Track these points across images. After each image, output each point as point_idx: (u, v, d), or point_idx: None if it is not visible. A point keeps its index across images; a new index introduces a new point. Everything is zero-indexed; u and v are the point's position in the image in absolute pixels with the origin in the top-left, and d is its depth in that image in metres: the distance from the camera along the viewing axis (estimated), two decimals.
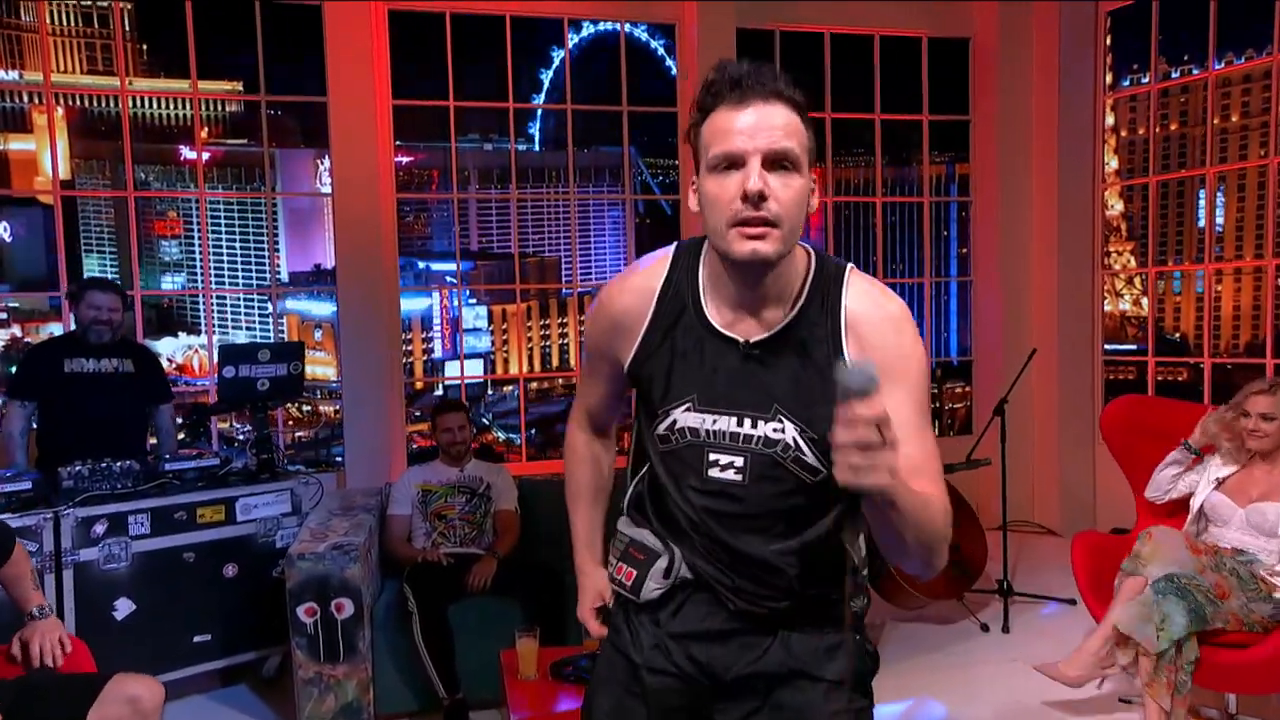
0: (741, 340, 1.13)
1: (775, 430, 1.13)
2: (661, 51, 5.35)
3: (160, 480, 3.09)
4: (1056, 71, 5.31)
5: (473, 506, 3.31)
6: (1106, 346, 5.49)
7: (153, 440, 3.59)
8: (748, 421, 1.14)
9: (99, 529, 2.88)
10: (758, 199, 1.04)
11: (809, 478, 1.14)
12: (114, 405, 3.33)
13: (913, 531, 1.00)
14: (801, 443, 1.12)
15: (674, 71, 5.20)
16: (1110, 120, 6.00)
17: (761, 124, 1.06)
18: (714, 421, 1.16)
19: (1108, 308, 5.73)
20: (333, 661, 2.81)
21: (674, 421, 1.18)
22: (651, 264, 1.23)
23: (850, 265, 1.18)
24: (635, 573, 1.26)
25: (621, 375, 1.26)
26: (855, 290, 1.15)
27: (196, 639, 3.07)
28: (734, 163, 1.07)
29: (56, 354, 3.33)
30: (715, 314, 1.16)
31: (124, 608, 2.92)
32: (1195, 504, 2.81)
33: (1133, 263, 8.28)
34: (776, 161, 1.06)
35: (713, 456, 1.16)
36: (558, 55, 5.65)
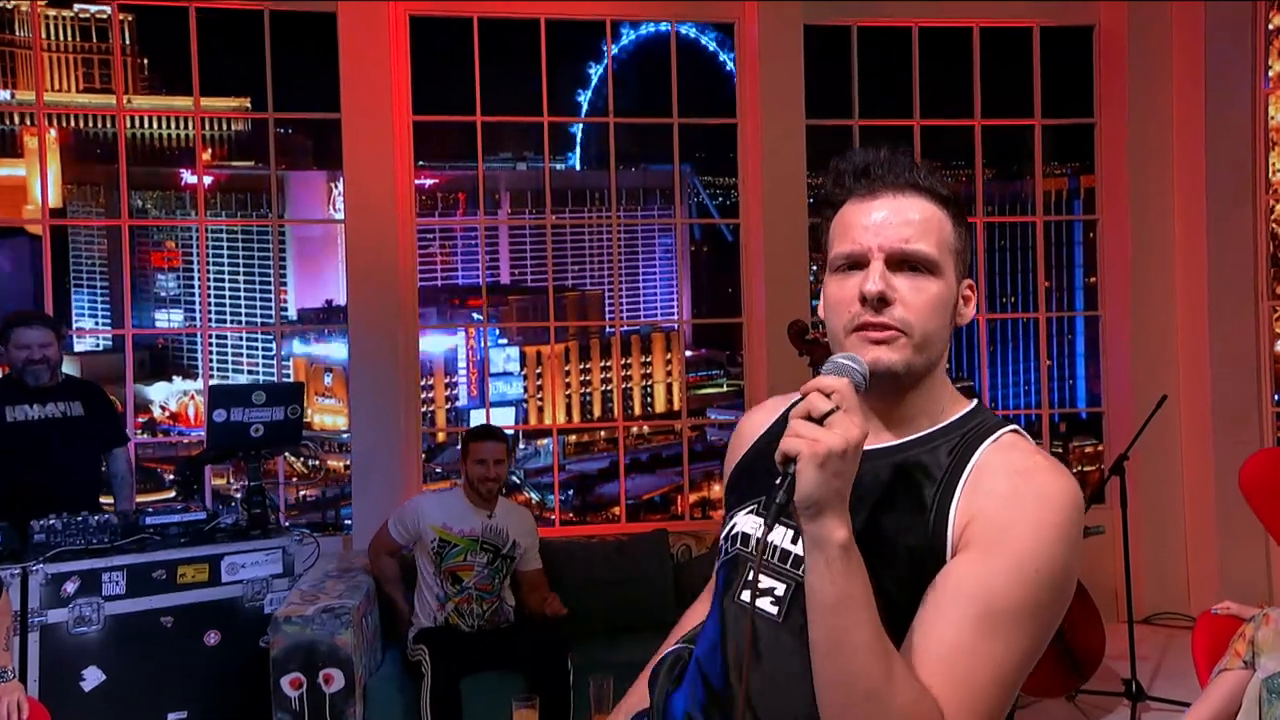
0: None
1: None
2: (721, 55, 5.58)
3: (140, 535, 3.35)
4: (1202, 61, 5.30)
5: (493, 570, 3.44)
6: None
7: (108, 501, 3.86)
8: (789, 534, 1.10)
9: (70, 587, 3.14)
10: (878, 302, 1.06)
11: None
12: (62, 452, 3.58)
13: (825, 633, 0.96)
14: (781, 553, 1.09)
15: (734, 76, 5.43)
16: None
17: (890, 219, 1.09)
18: (781, 537, 1.12)
19: None
20: None
21: (734, 525, 1.18)
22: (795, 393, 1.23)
23: (1015, 427, 1.13)
24: None
25: None
26: (1004, 443, 1.09)
27: (172, 716, 3.26)
28: (856, 263, 1.10)
29: None
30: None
31: (93, 677, 3.14)
32: None
33: None
34: (905, 262, 1.08)
35: (753, 576, 1.10)
36: (600, 63, 5.94)
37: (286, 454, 5.62)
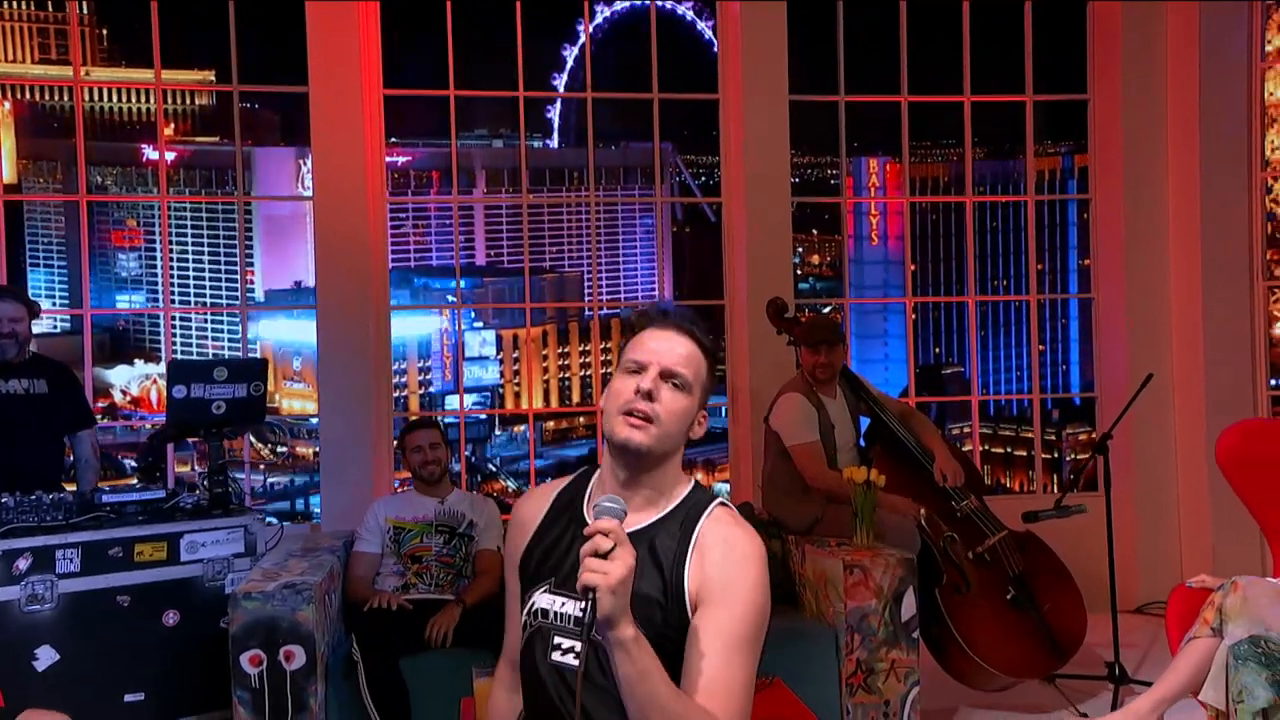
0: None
1: None
2: (708, 34, 5.63)
3: (96, 513, 3.40)
4: (1197, 34, 5.37)
5: (452, 548, 3.54)
6: (1277, 382, 5.46)
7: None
8: (579, 605, 1.47)
9: (22, 564, 3.18)
10: (646, 395, 1.53)
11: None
12: (24, 430, 3.64)
13: (638, 701, 1.38)
14: (591, 656, 1.46)
15: (715, 50, 5.49)
16: None
17: (670, 347, 1.58)
18: (562, 604, 1.56)
19: (1279, 331, 5.71)
20: None
21: (533, 604, 1.59)
22: (563, 479, 1.74)
23: (722, 500, 1.65)
24: None
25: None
26: (716, 517, 1.58)
27: (128, 698, 3.30)
28: (639, 369, 1.57)
29: None
30: (591, 509, 1.57)
31: (46, 657, 3.19)
32: None
33: None
34: (671, 376, 1.56)
35: (556, 639, 1.54)
36: (579, 36, 5.99)
37: (252, 439, 5.70)
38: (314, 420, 5.59)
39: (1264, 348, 5.47)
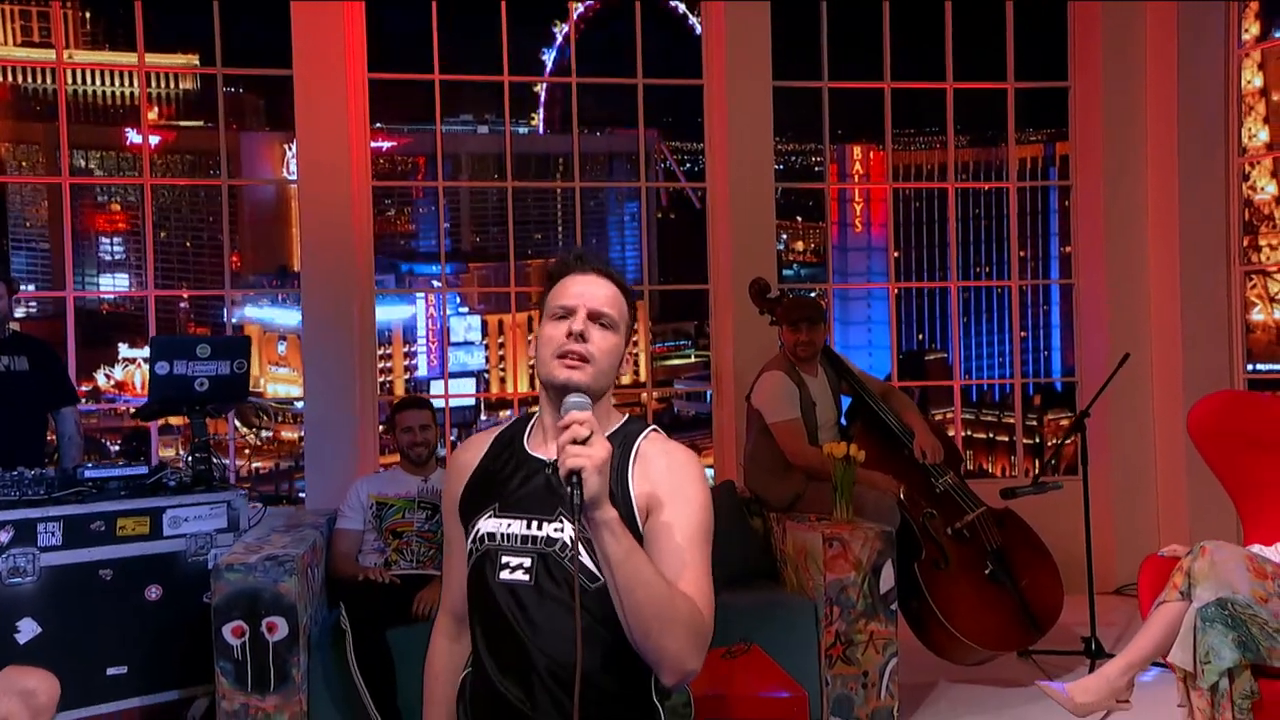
0: (547, 459, 1.59)
1: (556, 530, 1.57)
2: (699, 28, 5.65)
3: (78, 488, 3.40)
4: (1175, 21, 5.43)
5: (434, 524, 3.57)
6: (1256, 367, 5.52)
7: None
8: (534, 524, 1.59)
9: (3, 537, 3.17)
10: (579, 337, 1.60)
11: (587, 583, 1.53)
12: (5, 407, 3.64)
13: (624, 578, 1.42)
14: (580, 544, 1.51)
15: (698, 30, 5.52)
16: (1258, 82, 6.07)
17: (593, 290, 1.65)
18: (508, 525, 1.61)
19: (1258, 316, 5.77)
20: (262, 691, 3.04)
21: (477, 530, 1.63)
22: (497, 427, 1.79)
23: (655, 427, 1.73)
24: None
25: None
26: (651, 439, 1.67)
27: (111, 671, 3.30)
28: (568, 313, 1.63)
29: None
30: (533, 444, 1.68)
31: (28, 629, 3.19)
32: None
33: None
34: (598, 318, 1.63)
35: (504, 559, 1.59)
36: (563, 22, 6.00)
37: (237, 424, 5.70)
38: (299, 404, 5.59)
39: (1241, 332, 5.52)
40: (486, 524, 1.62)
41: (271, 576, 3.04)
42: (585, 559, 1.52)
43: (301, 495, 5.16)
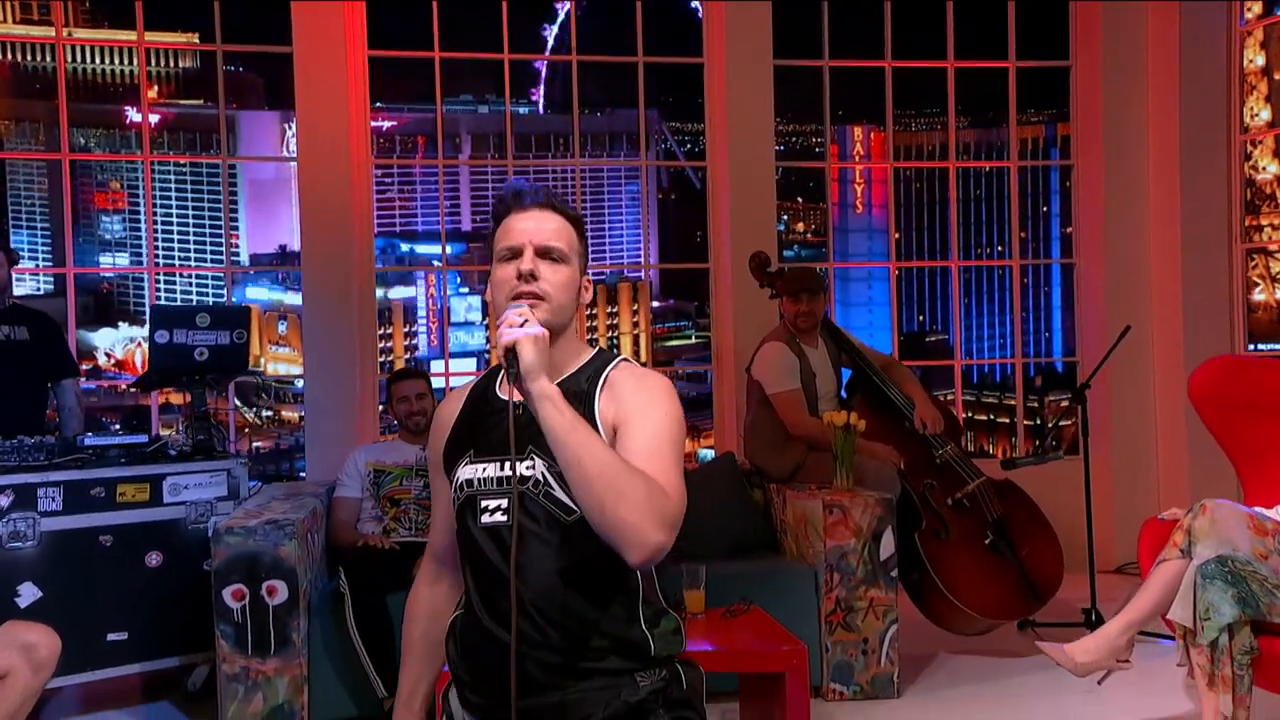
0: (516, 401, 1.54)
1: (528, 468, 1.55)
2: (700, 11, 5.64)
3: (78, 455, 3.41)
4: (1176, 1, 5.43)
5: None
6: (1257, 346, 5.52)
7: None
8: (508, 465, 1.56)
9: (3, 501, 3.17)
10: (530, 277, 1.57)
11: (563, 516, 1.53)
12: (4, 377, 3.64)
13: (571, 450, 1.40)
14: (550, 478, 1.53)
15: (699, 12, 5.52)
16: (1260, 60, 6.05)
17: (538, 226, 1.61)
18: (483, 470, 1.60)
19: (1260, 296, 5.77)
20: (262, 655, 3.05)
21: (457, 479, 1.62)
22: (471, 379, 1.80)
23: (625, 357, 1.70)
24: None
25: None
26: (623, 367, 1.64)
27: (111, 637, 3.31)
28: (515, 254, 1.59)
29: None
30: (503, 390, 1.63)
31: (28, 594, 3.19)
32: None
33: None
34: (547, 253, 1.59)
35: (483, 503, 1.58)
36: (565, 2, 6.00)
37: (238, 405, 5.71)
38: (299, 383, 5.59)
39: (1243, 312, 5.52)
40: (465, 471, 1.62)
41: (272, 540, 3.05)
42: (559, 492, 1.52)
43: (302, 475, 5.16)
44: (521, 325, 1.46)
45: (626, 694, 1.55)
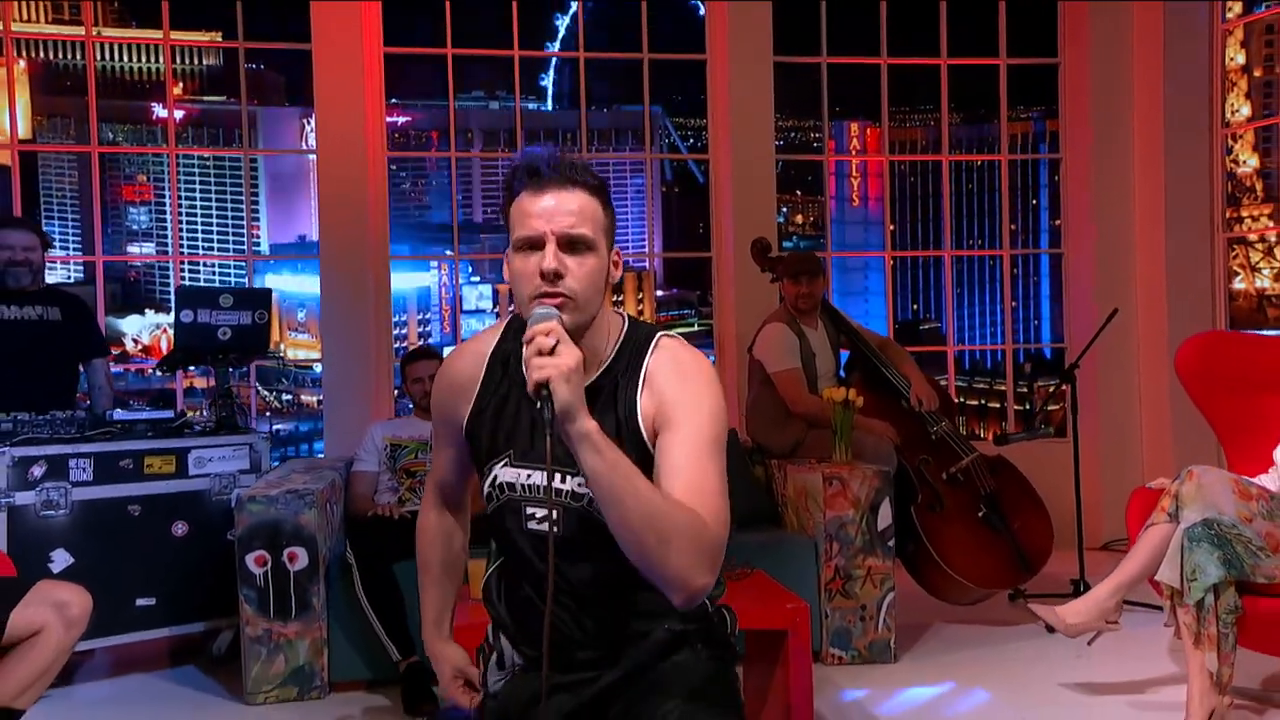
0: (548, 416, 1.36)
1: (580, 485, 1.42)
2: (701, 9, 5.62)
3: (107, 429, 3.40)
4: (1161, 1, 5.41)
5: None
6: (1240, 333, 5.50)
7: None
8: (557, 476, 1.43)
9: (37, 471, 3.17)
10: (553, 277, 1.38)
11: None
12: (37, 355, 3.62)
13: (609, 491, 1.28)
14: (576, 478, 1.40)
15: (701, 10, 5.50)
16: (1240, 59, 6.02)
17: (558, 209, 1.39)
18: (528, 476, 1.47)
19: (1240, 285, 5.76)
20: (284, 618, 3.04)
21: (495, 478, 1.50)
22: (485, 332, 1.61)
23: (663, 332, 1.53)
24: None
25: (464, 440, 1.58)
26: (660, 348, 1.48)
27: (140, 602, 3.30)
28: (534, 244, 1.40)
29: None
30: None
31: (61, 559, 3.19)
32: (1277, 454, 2.91)
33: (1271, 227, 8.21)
34: (571, 243, 1.39)
35: (529, 510, 1.48)
36: (572, 3, 5.98)
37: (259, 389, 5.69)
38: (318, 369, 5.59)
39: (1224, 300, 5.51)
40: (504, 473, 1.49)
41: (292, 509, 3.04)
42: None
43: (320, 456, 5.16)
44: (553, 351, 1.28)
45: (671, 623, 1.50)
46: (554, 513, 1.42)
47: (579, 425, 1.27)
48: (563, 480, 1.44)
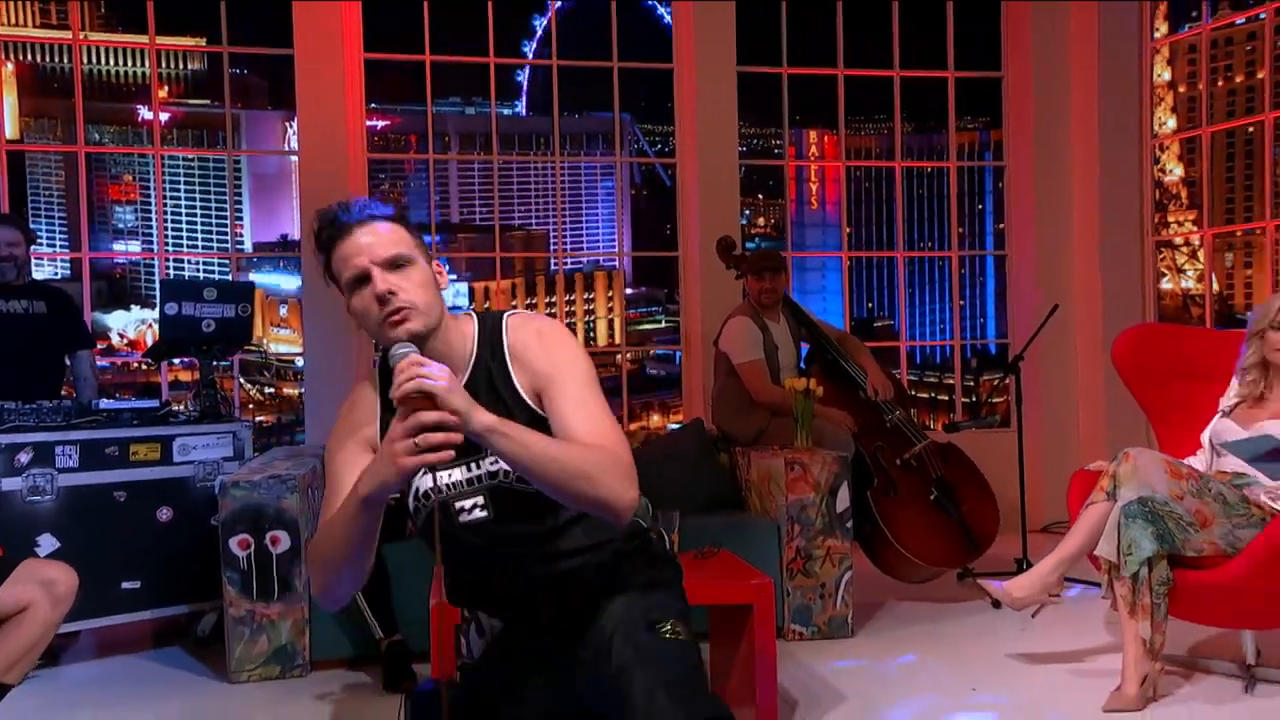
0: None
1: (492, 463, 1.48)
2: (666, 18, 5.61)
3: (93, 417, 3.31)
4: (1096, 22, 5.49)
5: None
6: None
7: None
8: (474, 465, 1.50)
9: (23, 458, 3.09)
10: (390, 296, 1.44)
11: (527, 486, 1.43)
12: (24, 348, 3.55)
13: (532, 466, 1.34)
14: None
15: (667, 20, 5.48)
16: (1167, 75, 6.13)
17: (370, 243, 1.47)
18: (448, 476, 1.50)
19: (1167, 285, 5.85)
20: (266, 600, 2.99)
21: (416, 489, 1.53)
22: (363, 383, 1.64)
23: (509, 312, 1.60)
24: (464, 641, 1.72)
25: None
26: (511, 327, 1.54)
27: (125, 585, 3.23)
28: (362, 279, 1.46)
29: None
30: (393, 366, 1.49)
31: (47, 544, 3.10)
32: (1205, 438, 2.96)
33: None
34: (393, 264, 1.46)
35: (457, 505, 1.52)
36: (547, 10, 5.95)
37: (242, 382, 5.59)
38: (299, 362, 5.50)
39: (1154, 298, 5.61)
40: (424, 482, 1.50)
41: (275, 493, 2.98)
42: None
43: (302, 445, 5.08)
44: (431, 376, 1.30)
45: (615, 545, 1.56)
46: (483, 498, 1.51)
47: (480, 422, 1.32)
48: (478, 466, 1.50)
